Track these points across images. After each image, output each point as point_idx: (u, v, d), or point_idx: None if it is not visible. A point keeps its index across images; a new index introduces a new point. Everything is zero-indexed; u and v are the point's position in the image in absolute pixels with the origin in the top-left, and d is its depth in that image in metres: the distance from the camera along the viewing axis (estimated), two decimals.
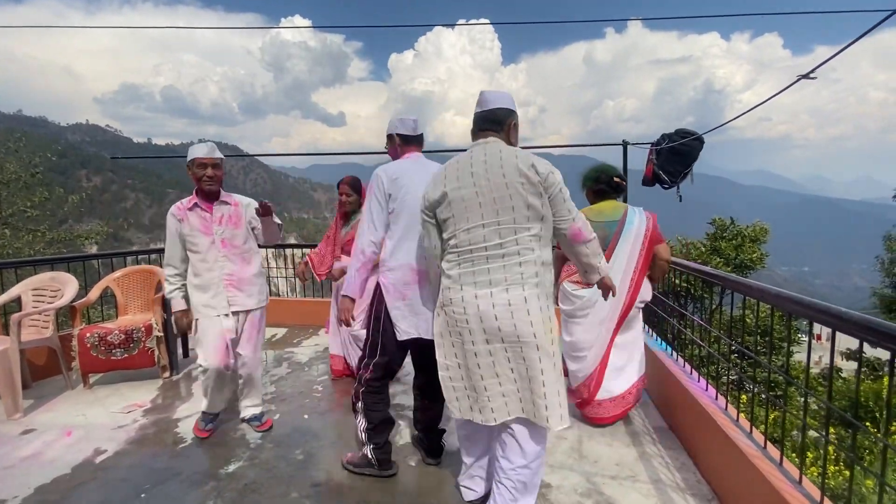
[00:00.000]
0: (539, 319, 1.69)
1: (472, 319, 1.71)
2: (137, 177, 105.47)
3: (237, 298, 2.59)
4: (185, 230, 2.53)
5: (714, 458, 2.13)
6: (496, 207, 1.69)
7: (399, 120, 2.27)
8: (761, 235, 7.85)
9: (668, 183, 4.53)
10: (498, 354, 1.72)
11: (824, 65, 2.52)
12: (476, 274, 1.72)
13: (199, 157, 2.49)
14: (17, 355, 2.99)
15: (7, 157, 13.59)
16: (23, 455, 2.48)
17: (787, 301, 1.68)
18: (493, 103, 1.83)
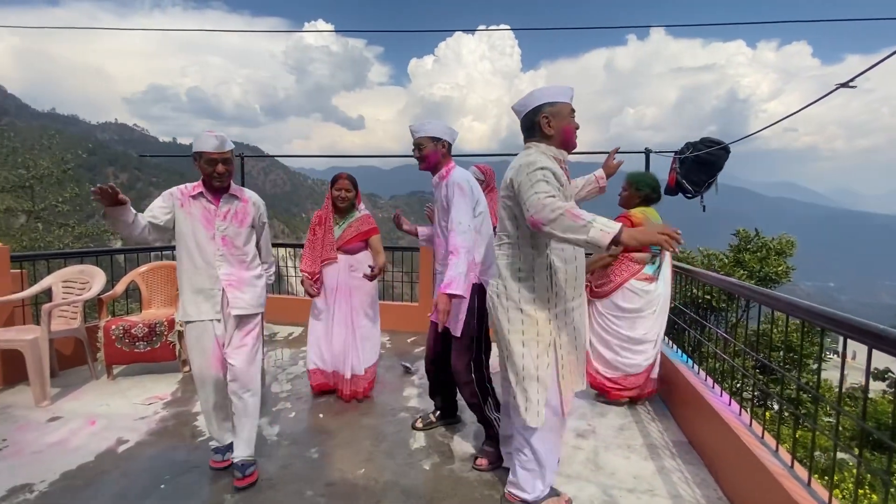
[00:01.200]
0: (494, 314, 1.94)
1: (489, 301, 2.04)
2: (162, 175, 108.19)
3: (235, 301, 2.23)
4: (182, 217, 2.18)
5: (737, 476, 2.07)
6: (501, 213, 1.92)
7: (449, 128, 2.45)
8: (788, 248, 7.64)
9: (692, 192, 4.44)
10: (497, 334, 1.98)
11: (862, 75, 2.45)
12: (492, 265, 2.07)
13: (207, 151, 2.11)
14: (46, 344, 3.08)
15: (41, 154, 14.11)
16: (50, 441, 2.55)
17: (820, 317, 1.63)
18: (520, 113, 1.92)
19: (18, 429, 2.69)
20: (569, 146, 1.90)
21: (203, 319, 2.20)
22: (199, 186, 2.23)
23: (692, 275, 3.05)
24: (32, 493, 2.08)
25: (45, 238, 11.80)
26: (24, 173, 12.79)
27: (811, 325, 1.75)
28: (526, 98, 1.89)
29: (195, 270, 2.20)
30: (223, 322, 2.23)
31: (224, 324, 2.24)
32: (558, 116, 1.84)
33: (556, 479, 2.23)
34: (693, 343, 3.19)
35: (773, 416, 3.66)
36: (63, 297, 3.54)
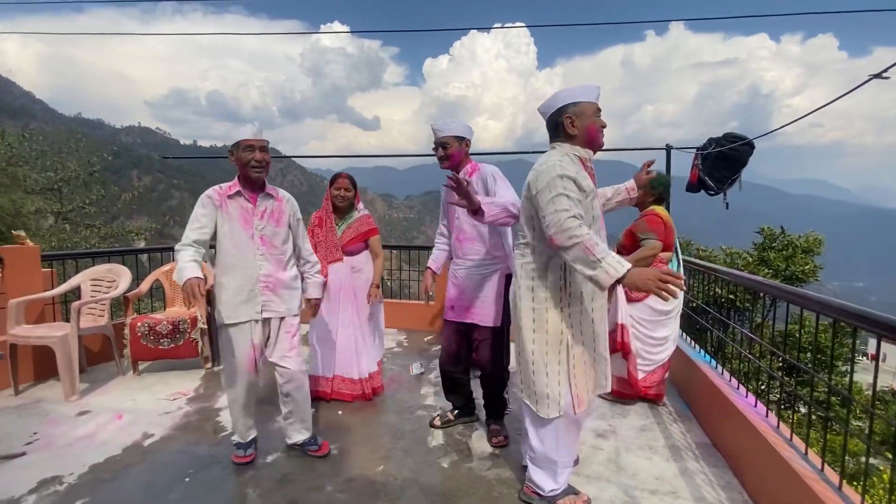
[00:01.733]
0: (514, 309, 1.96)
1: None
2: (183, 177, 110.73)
3: (272, 304, 2.24)
4: (222, 219, 2.17)
5: (764, 479, 2.01)
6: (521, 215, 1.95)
7: (469, 127, 2.54)
8: (815, 247, 7.40)
9: (715, 189, 4.35)
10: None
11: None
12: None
13: (246, 138, 2.15)
14: (76, 341, 3.18)
15: (68, 157, 14.56)
16: (79, 435, 2.63)
17: (853, 315, 1.57)
18: (545, 115, 1.93)
19: (49, 422, 2.78)
20: (594, 145, 1.89)
21: (242, 321, 2.18)
22: (236, 185, 2.22)
23: (716, 273, 2.98)
24: (62, 484, 2.15)
25: (73, 238, 12.17)
26: (53, 176, 13.21)
27: (842, 324, 1.70)
28: (550, 99, 1.90)
29: (235, 271, 2.18)
30: (260, 323, 2.23)
31: (262, 326, 2.24)
32: (582, 116, 1.84)
33: (576, 479, 2.21)
34: (716, 343, 3.12)
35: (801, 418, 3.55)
36: (91, 295, 3.65)
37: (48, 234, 11.69)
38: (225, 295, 2.19)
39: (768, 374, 2.32)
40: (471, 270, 2.55)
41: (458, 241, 2.59)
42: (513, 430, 2.65)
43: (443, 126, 2.50)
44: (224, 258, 2.20)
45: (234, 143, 2.18)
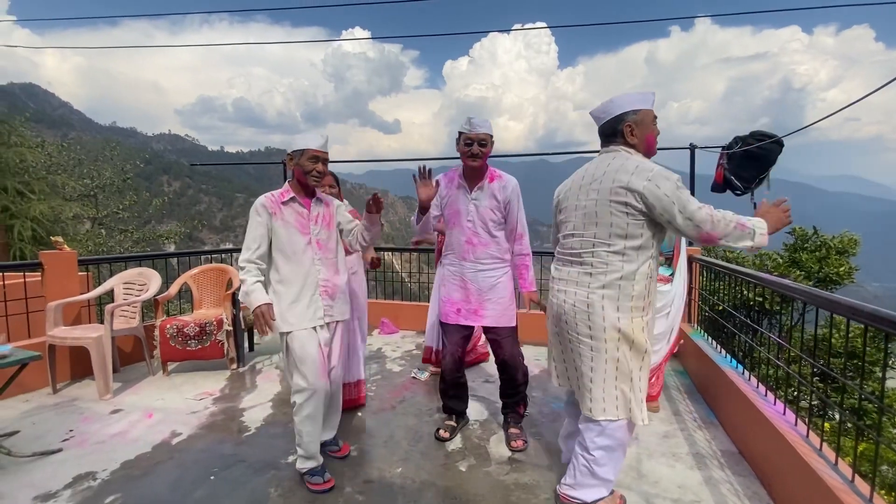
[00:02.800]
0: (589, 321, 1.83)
1: (553, 308, 2.01)
2: (210, 182, 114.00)
3: (331, 308, 2.23)
4: (278, 226, 2.13)
5: (793, 490, 1.94)
6: (584, 221, 1.86)
7: None
8: (850, 247, 7.07)
9: (742, 189, 4.22)
10: (565, 344, 1.97)
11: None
12: (560, 272, 1.99)
13: (313, 148, 2.12)
14: (109, 342, 3.32)
15: (104, 165, 15.20)
16: (111, 432, 2.74)
17: (885, 321, 1.50)
18: (598, 120, 1.94)
19: (84, 420, 2.91)
20: (651, 153, 1.90)
21: (306, 328, 2.14)
22: (289, 191, 2.18)
23: (741, 275, 2.90)
24: (95, 480, 2.24)
25: (108, 243, 12.69)
26: (89, 183, 13.82)
27: (876, 329, 1.63)
28: (607, 105, 1.88)
29: (294, 278, 2.14)
30: (325, 328, 2.22)
31: (326, 330, 2.23)
32: (642, 125, 1.84)
33: None
34: (744, 348, 3.02)
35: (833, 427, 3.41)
36: (124, 297, 3.80)
37: (84, 238, 12.22)
38: (284, 303, 2.12)
39: (798, 381, 2.23)
40: (484, 273, 2.53)
41: (471, 244, 2.52)
42: (529, 434, 2.63)
43: (483, 122, 2.39)
44: (283, 266, 2.14)
45: (298, 150, 2.13)
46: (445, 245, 2.65)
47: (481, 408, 3.09)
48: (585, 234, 1.86)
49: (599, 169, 1.85)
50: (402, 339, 4.93)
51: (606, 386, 1.84)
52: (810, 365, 2.27)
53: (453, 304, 2.57)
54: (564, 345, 1.98)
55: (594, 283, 1.82)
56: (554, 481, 2.23)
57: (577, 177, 1.96)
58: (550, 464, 2.40)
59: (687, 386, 3.47)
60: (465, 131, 2.40)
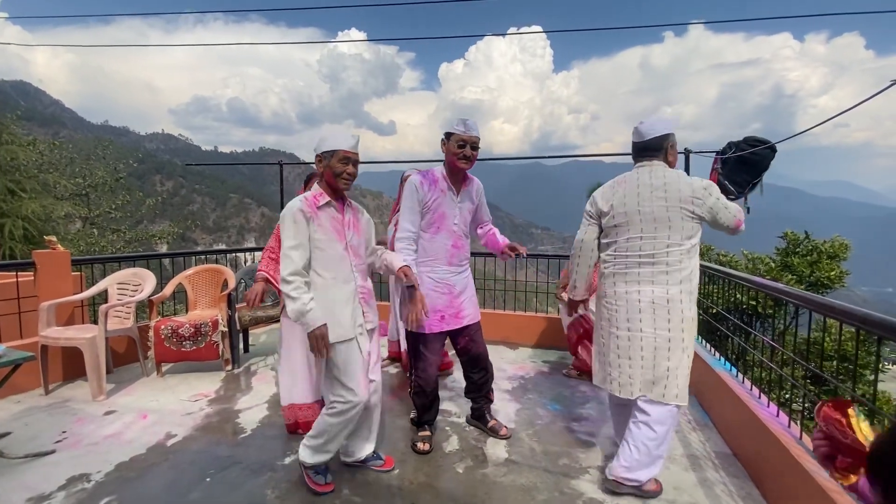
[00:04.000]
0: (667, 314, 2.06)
1: (620, 309, 2.14)
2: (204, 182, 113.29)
3: (368, 315, 2.16)
4: (316, 231, 2.00)
5: (786, 491, 1.97)
6: (655, 225, 2.07)
7: None
8: (841, 251, 7.19)
9: (735, 194, 4.27)
10: (634, 340, 2.10)
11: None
12: (628, 275, 2.13)
13: (344, 149, 1.99)
14: (103, 343, 3.29)
15: (96, 164, 15.08)
16: (105, 434, 2.71)
17: (877, 324, 1.53)
18: (647, 135, 2.17)
19: (77, 421, 2.88)
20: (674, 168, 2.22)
21: (348, 338, 2.04)
22: (323, 195, 2.05)
23: (734, 278, 2.93)
24: (89, 482, 2.22)
25: (99, 242, 12.57)
26: (81, 182, 13.69)
27: (867, 333, 1.66)
28: (658, 122, 2.17)
29: (335, 286, 2.04)
30: (365, 336, 2.13)
31: (367, 338, 2.15)
32: (675, 146, 2.19)
33: (591, 487, 2.21)
34: (737, 351, 3.06)
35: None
36: (117, 298, 3.77)
37: (76, 238, 12.10)
38: (326, 311, 1.99)
39: (791, 384, 2.26)
40: (462, 275, 2.56)
41: (456, 248, 2.50)
42: (526, 436, 2.64)
43: (475, 125, 2.37)
44: (322, 273, 2.03)
45: (329, 151, 2.00)
46: (425, 252, 2.46)
47: None
48: (657, 237, 2.07)
49: (656, 179, 2.10)
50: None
51: (680, 373, 2.08)
52: (802, 368, 2.31)
53: (437, 313, 2.45)
54: (634, 342, 2.11)
55: (672, 280, 2.06)
56: (551, 483, 2.24)
57: (631, 186, 2.15)
58: (547, 465, 2.41)
59: None
60: (457, 132, 2.34)
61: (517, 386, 3.56)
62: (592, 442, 2.67)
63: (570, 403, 3.23)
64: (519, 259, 2.62)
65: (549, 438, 2.70)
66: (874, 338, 1.63)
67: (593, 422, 2.93)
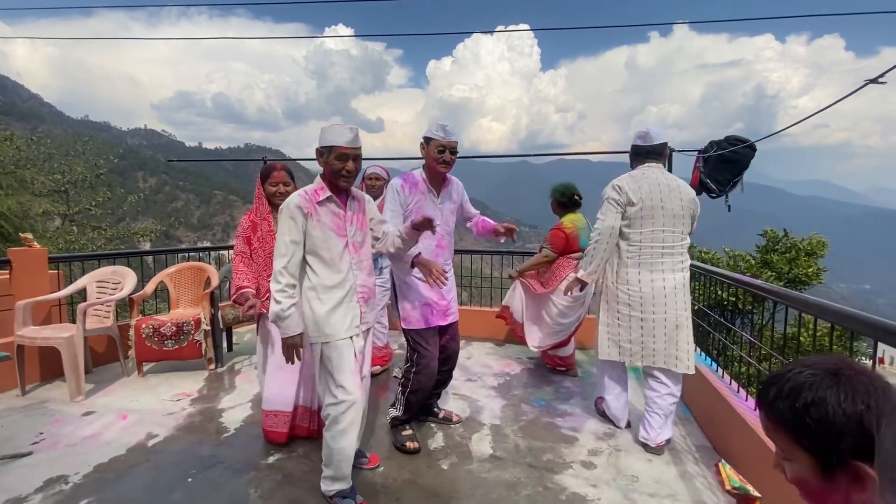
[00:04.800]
0: (684, 297, 2.49)
1: (647, 295, 2.47)
2: (188, 179, 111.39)
3: (366, 315, 2.09)
4: (313, 228, 1.92)
5: (763, 482, 2.02)
6: (674, 221, 2.45)
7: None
8: (818, 249, 7.36)
9: (716, 192, 4.34)
10: (658, 321, 2.47)
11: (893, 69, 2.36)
12: (654, 264, 2.47)
13: (341, 146, 1.90)
14: (81, 342, 3.22)
15: (75, 160, 14.71)
16: (84, 435, 2.66)
17: (850, 319, 1.58)
18: (657, 139, 2.54)
19: (54, 422, 2.82)
20: None
21: (343, 337, 1.97)
22: (324, 189, 1.97)
23: (715, 275, 2.98)
24: (67, 484, 2.18)
25: (80, 240, 12.28)
26: (60, 178, 13.34)
27: (842, 328, 1.70)
28: (661, 130, 2.56)
29: (333, 284, 1.96)
30: (361, 337, 2.07)
31: (362, 338, 2.09)
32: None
33: (575, 482, 2.24)
34: (718, 346, 3.12)
35: None
36: (97, 296, 3.69)
37: (55, 236, 11.80)
38: (321, 311, 1.95)
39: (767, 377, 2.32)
40: (448, 273, 2.52)
41: (440, 247, 2.52)
42: (511, 432, 2.66)
43: (453, 130, 2.42)
44: (320, 270, 1.96)
45: (327, 147, 1.93)
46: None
47: (463, 405, 3.11)
48: (675, 231, 2.46)
49: (671, 181, 2.51)
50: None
51: (690, 347, 2.50)
52: (780, 362, 2.36)
53: (431, 307, 2.49)
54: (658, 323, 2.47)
55: (684, 268, 2.50)
56: (535, 478, 2.26)
57: (652, 183, 2.47)
58: (532, 461, 2.43)
59: None
60: (437, 138, 2.38)
61: (503, 382, 3.58)
62: (576, 437, 2.70)
63: (554, 399, 3.26)
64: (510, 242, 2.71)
65: (534, 434, 2.73)
66: (849, 333, 1.68)
67: (577, 417, 2.96)
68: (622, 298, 2.53)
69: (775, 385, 0.68)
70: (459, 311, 2.75)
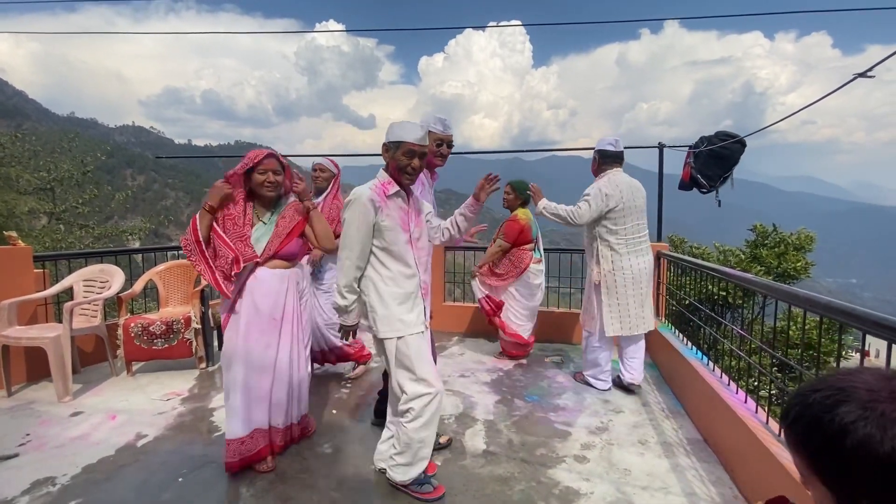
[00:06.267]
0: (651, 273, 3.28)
1: (636, 275, 3.13)
2: (178, 176, 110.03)
3: (427, 310, 2.10)
4: (384, 222, 1.92)
5: (753, 474, 2.04)
6: (640, 214, 3.16)
7: None
8: (806, 244, 7.46)
9: (707, 187, 4.38)
10: (644, 294, 3.19)
11: (881, 64, 2.39)
12: (639, 251, 3.16)
13: (409, 142, 1.90)
14: (68, 342, 3.17)
15: (61, 157, 14.46)
16: (72, 436, 2.62)
17: (839, 312, 1.59)
18: (620, 147, 3.18)
19: (41, 423, 2.77)
20: None
21: (416, 332, 1.97)
22: (392, 184, 1.97)
23: (706, 270, 3.01)
24: (55, 485, 2.14)
25: (67, 239, 12.07)
26: (46, 176, 13.11)
27: (830, 321, 1.72)
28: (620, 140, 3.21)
29: (401, 278, 1.96)
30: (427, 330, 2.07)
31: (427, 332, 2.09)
32: None
33: (568, 476, 2.26)
34: (709, 340, 3.15)
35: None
36: (84, 295, 3.63)
37: (41, 234, 11.60)
38: (393, 304, 1.94)
39: (759, 371, 2.34)
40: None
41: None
42: (504, 427, 2.65)
43: (450, 124, 2.44)
44: (389, 264, 1.95)
45: (395, 142, 1.93)
46: None
47: (457, 401, 3.11)
48: (641, 222, 3.17)
49: (633, 181, 3.14)
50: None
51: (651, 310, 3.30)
52: (769, 356, 2.38)
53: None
54: (644, 295, 3.17)
55: (650, 250, 3.26)
56: (529, 473, 2.27)
57: (624, 186, 3.08)
58: (525, 456, 2.44)
59: (655, 377, 3.58)
60: (436, 131, 2.40)
61: (496, 378, 3.59)
62: (569, 432, 2.71)
63: (547, 394, 3.27)
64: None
65: (527, 429, 2.73)
66: (837, 326, 1.70)
67: (570, 412, 2.98)
68: (620, 282, 3.12)
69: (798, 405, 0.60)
70: (452, 308, 2.74)
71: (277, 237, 2.23)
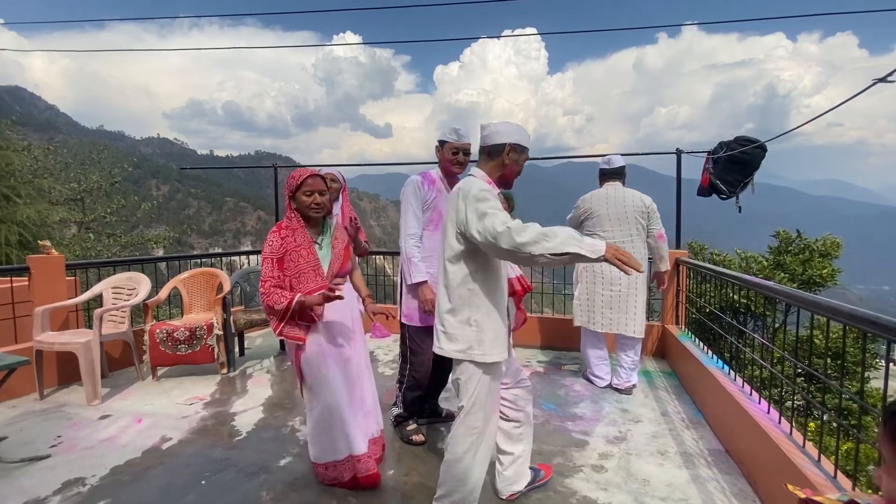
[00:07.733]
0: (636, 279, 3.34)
1: (611, 278, 3.37)
2: (200, 186, 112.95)
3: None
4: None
5: (777, 487, 1.99)
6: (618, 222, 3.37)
7: None
8: (832, 250, 7.22)
9: (727, 193, 4.31)
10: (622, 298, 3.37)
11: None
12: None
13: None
14: (98, 347, 3.28)
15: (91, 168, 15.03)
16: (100, 438, 2.71)
17: (863, 321, 1.56)
18: (616, 164, 3.49)
19: (72, 426, 2.88)
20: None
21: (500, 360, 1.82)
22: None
23: (725, 277, 2.96)
24: (84, 486, 2.22)
25: (95, 247, 12.52)
26: (76, 187, 13.65)
27: (857, 329, 1.68)
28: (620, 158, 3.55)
29: (500, 301, 1.82)
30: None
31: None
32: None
33: (586, 486, 2.24)
34: (731, 350, 3.09)
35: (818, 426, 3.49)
36: (112, 302, 3.76)
37: (71, 243, 12.05)
38: (488, 331, 1.77)
39: (782, 381, 2.29)
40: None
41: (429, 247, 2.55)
42: None
43: (467, 133, 2.52)
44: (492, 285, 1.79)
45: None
46: (425, 248, 2.53)
47: None
48: (622, 229, 3.36)
49: (619, 193, 3.40)
50: (394, 342, 4.93)
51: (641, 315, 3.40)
52: (793, 365, 2.33)
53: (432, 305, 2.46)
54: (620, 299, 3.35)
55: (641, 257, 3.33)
56: (546, 482, 2.25)
57: (599, 198, 3.42)
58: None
59: (675, 387, 3.52)
60: (451, 141, 2.50)
61: None
62: (587, 441, 2.68)
63: (564, 403, 3.25)
64: None
65: (544, 438, 2.72)
66: (867, 335, 1.66)
67: (587, 421, 2.95)
68: (589, 278, 3.48)
69: None
70: None
71: (337, 259, 2.18)
